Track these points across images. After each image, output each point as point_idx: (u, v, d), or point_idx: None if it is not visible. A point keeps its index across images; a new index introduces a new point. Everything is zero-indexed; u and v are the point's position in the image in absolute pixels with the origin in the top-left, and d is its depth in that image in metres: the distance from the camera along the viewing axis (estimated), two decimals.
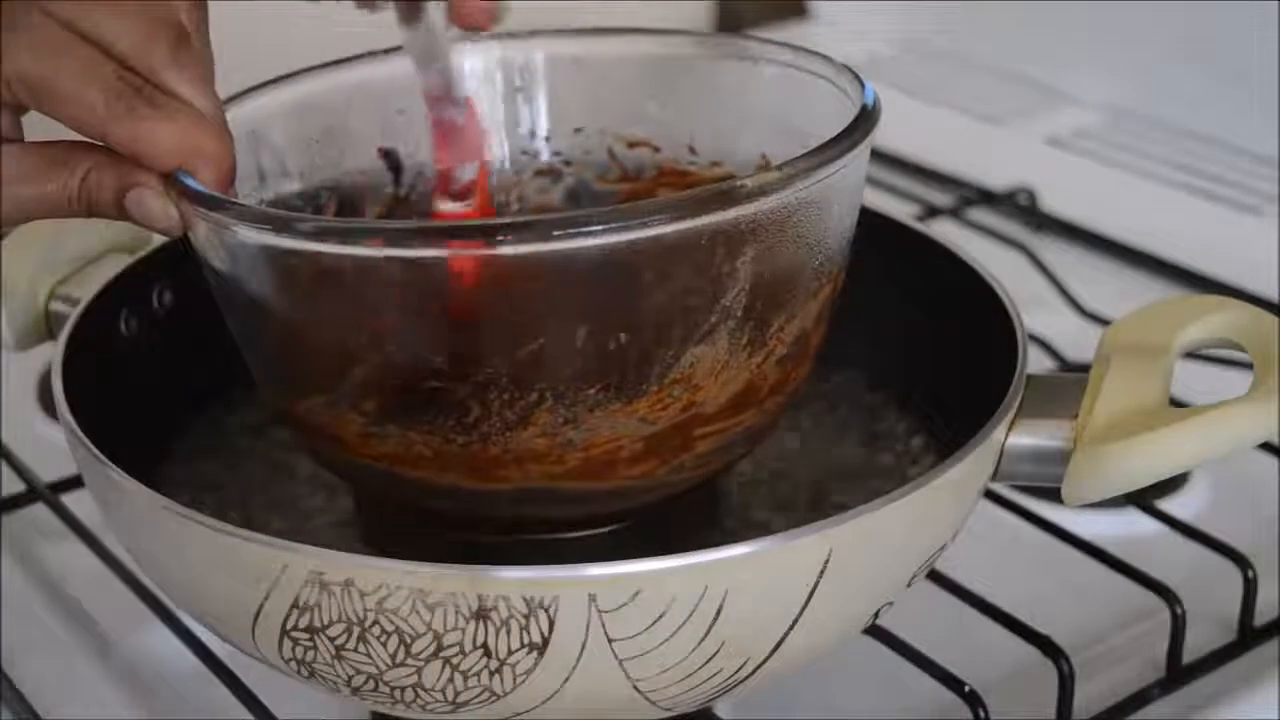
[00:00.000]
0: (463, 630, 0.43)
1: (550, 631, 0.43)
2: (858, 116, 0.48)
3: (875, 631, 0.54)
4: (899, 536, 0.46)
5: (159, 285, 0.59)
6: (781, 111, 0.54)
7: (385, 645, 0.44)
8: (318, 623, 0.44)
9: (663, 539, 0.45)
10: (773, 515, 0.55)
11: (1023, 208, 0.92)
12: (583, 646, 0.43)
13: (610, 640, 0.43)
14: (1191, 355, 0.53)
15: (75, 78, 0.44)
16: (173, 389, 0.59)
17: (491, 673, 0.44)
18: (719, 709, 0.53)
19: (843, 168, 0.46)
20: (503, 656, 0.43)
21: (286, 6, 0.60)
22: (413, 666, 0.44)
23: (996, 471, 0.50)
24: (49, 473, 0.65)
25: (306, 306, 0.46)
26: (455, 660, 0.44)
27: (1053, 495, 0.50)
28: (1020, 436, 0.49)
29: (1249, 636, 0.59)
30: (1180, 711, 0.56)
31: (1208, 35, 0.96)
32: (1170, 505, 0.65)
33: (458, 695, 0.45)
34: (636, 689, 0.45)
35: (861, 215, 0.50)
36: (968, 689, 0.53)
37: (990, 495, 0.61)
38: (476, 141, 0.55)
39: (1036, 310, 0.73)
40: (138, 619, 0.59)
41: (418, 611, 0.43)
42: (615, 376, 0.45)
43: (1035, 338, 0.72)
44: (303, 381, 0.49)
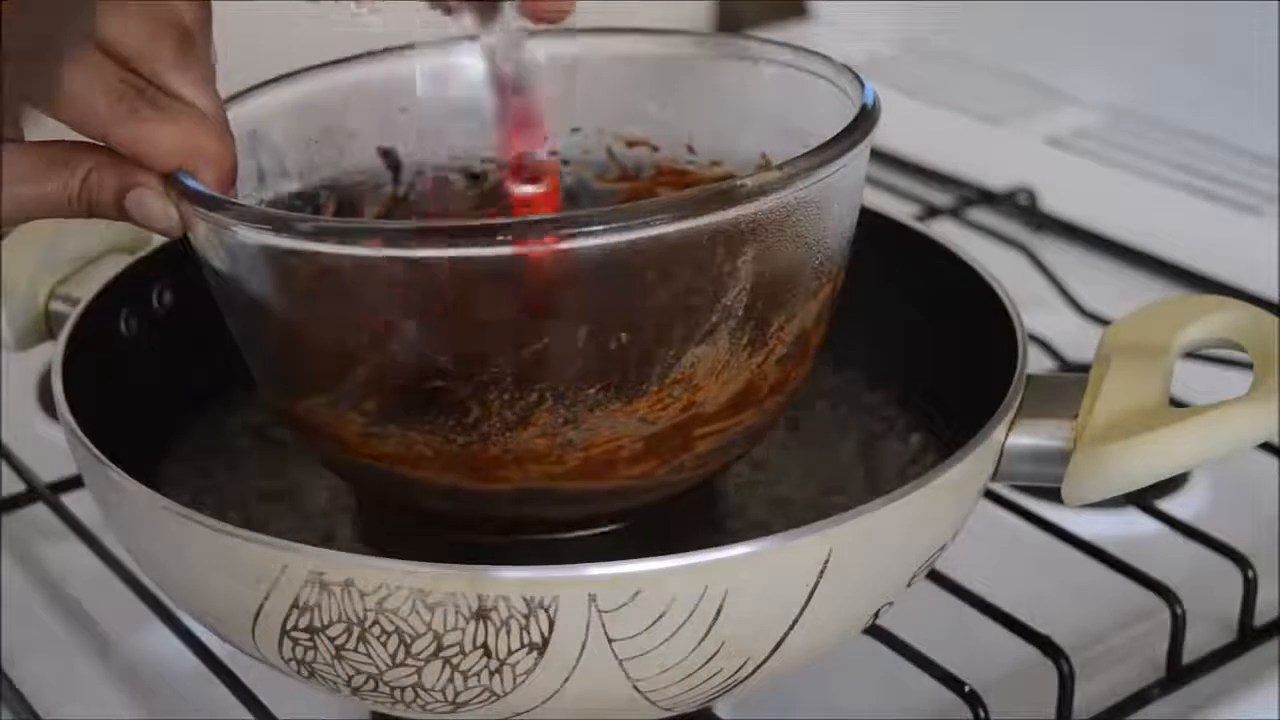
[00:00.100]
0: (463, 630, 0.43)
1: (550, 631, 0.43)
2: (857, 116, 0.48)
3: (875, 631, 0.54)
4: (899, 536, 0.46)
5: (159, 285, 0.59)
6: (781, 111, 0.54)
7: (385, 645, 0.44)
8: (318, 623, 0.44)
9: (663, 539, 0.45)
10: (773, 515, 0.55)
11: (1023, 208, 0.92)
12: (583, 646, 0.43)
13: (610, 640, 0.43)
14: (1191, 355, 0.53)
15: (78, 79, 0.44)
16: (173, 389, 0.59)
17: (491, 673, 0.44)
18: (719, 709, 0.53)
19: (843, 167, 0.46)
20: (503, 656, 0.43)
21: (287, 6, 0.60)
22: (413, 666, 0.44)
23: (996, 471, 0.50)
24: (49, 473, 0.65)
25: (306, 306, 0.46)
26: (455, 660, 0.44)
27: (1053, 495, 0.50)
28: (1020, 436, 0.49)
29: (1249, 636, 0.59)
30: (1180, 711, 0.56)
31: (1208, 35, 0.96)
32: (1170, 505, 0.65)
33: (458, 695, 0.45)
34: (636, 689, 0.45)
35: (861, 215, 0.50)
36: (968, 689, 0.53)
37: (990, 495, 0.61)
38: (544, 128, 0.56)
39: (1036, 310, 0.73)
40: (138, 619, 0.59)
41: (418, 611, 0.43)
42: (615, 376, 0.45)
43: (1035, 338, 0.72)
44: (303, 381, 0.49)
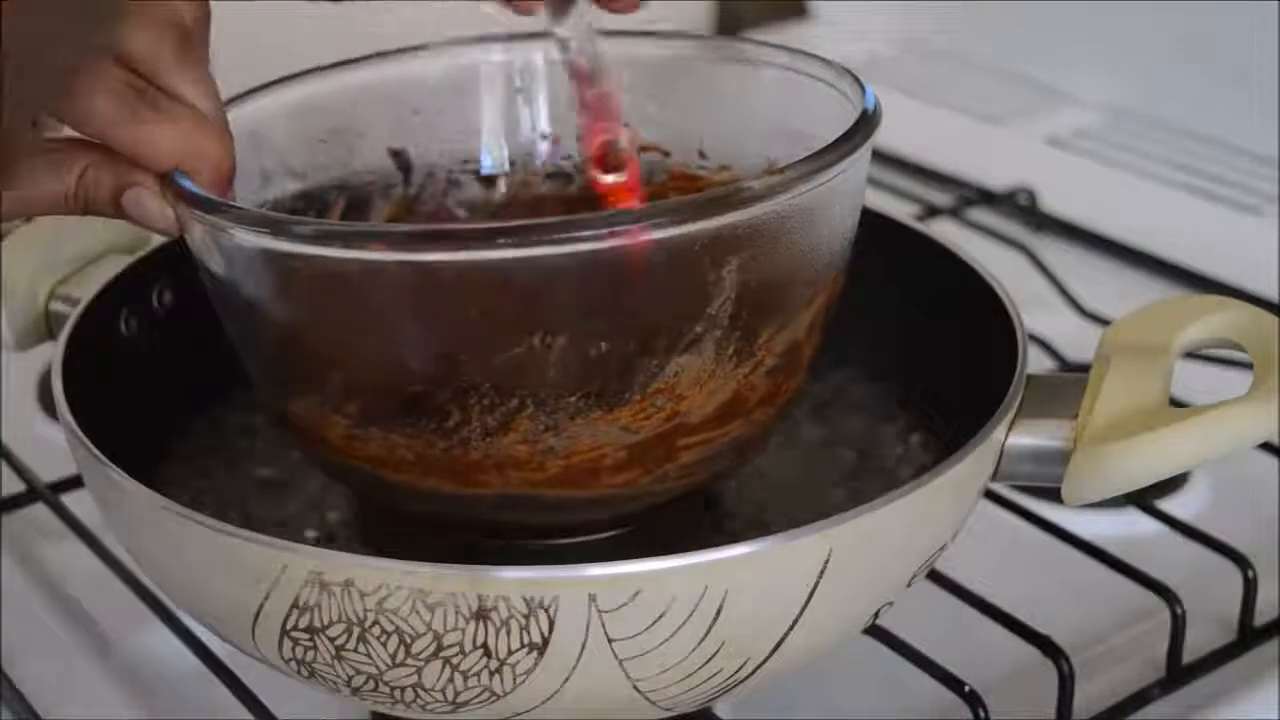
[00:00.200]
0: (463, 630, 0.43)
1: (550, 631, 0.43)
2: (856, 122, 0.47)
3: (875, 631, 0.54)
4: (899, 536, 0.46)
5: (159, 285, 0.59)
6: (783, 115, 0.54)
7: (385, 645, 0.44)
8: (318, 623, 0.44)
9: (662, 539, 0.45)
10: (773, 515, 0.55)
11: (1023, 208, 0.92)
12: (583, 646, 0.43)
13: (610, 640, 0.43)
14: (1191, 355, 0.53)
15: (79, 80, 0.44)
16: (173, 389, 0.59)
17: (491, 673, 0.44)
18: (719, 709, 0.53)
19: (841, 173, 0.46)
20: (503, 656, 0.43)
21: (287, 6, 0.60)
22: (413, 666, 0.44)
23: (996, 471, 0.50)
24: (49, 473, 0.65)
25: (289, 308, 0.46)
26: (455, 660, 0.44)
27: (1053, 495, 0.50)
28: (1020, 436, 0.49)
29: (1249, 636, 0.59)
30: (1180, 711, 0.56)
31: (1208, 35, 0.96)
32: (1170, 505, 0.65)
33: (458, 695, 0.45)
34: (636, 689, 0.45)
35: (861, 215, 0.50)
36: (968, 689, 0.53)
37: (990, 495, 0.61)
38: (621, 118, 0.56)
39: (1036, 310, 0.73)
40: (138, 619, 0.59)
41: (418, 611, 0.43)
42: (596, 384, 0.45)
43: (1035, 338, 0.72)
44: (290, 382, 0.49)
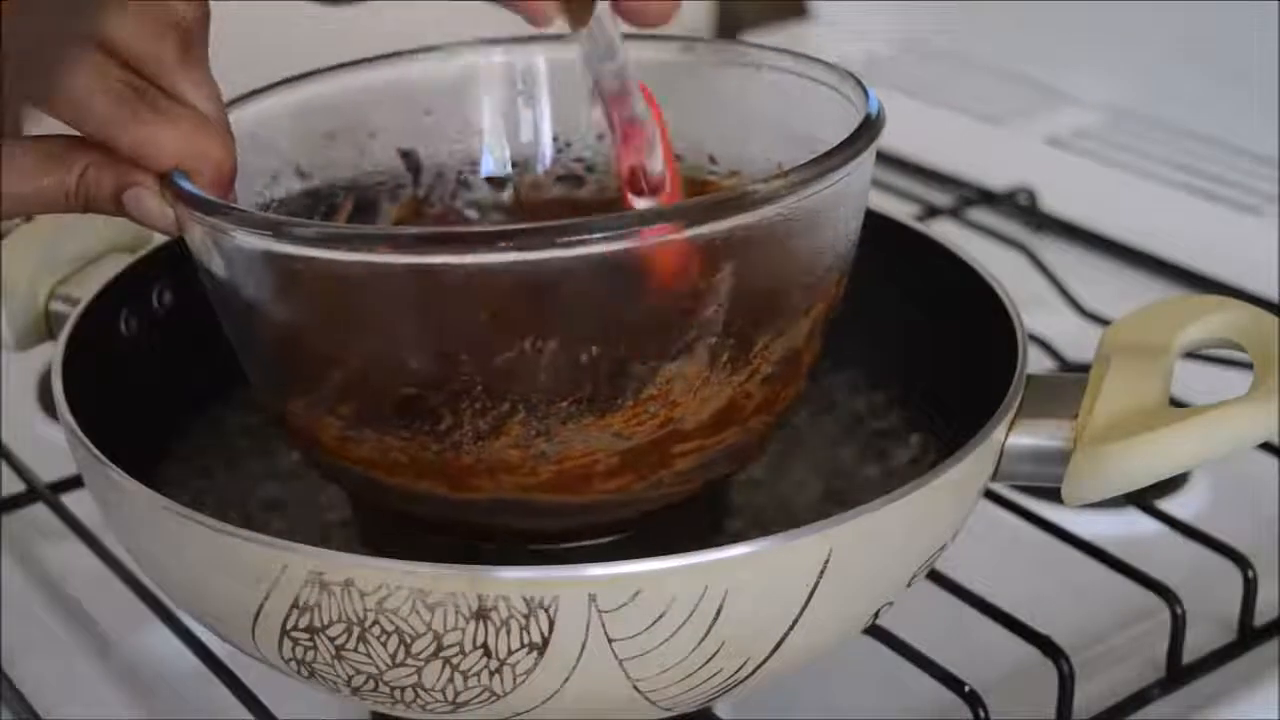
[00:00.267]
0: (463, 630, 0.43)
1: (550, 631, 0.43)
2: (859, 128, 0.47)
3: (875, 631, 0.54)
4: (899, 536, 0.46)
5: (159, 285, 0.59)
6: (787, 118, 0.54)
7: (385, 645, 0.44)
8: (318, 623, 0.44)
9: (662, 539, 0.45)
10: (773, 515, 0.55)
11: (1023, 208, 0.92)
12: (583, 646, 0.43)
13: (610, 640, 0.43)
14: (1191, 355, 0.53)
15: (79, 80, 0.44)
16: (173, 389, 0.59)
17: (491, 673, 0.44)
18: (719, 709, 0.53)
19: (845, 176, 0.46)
20: (503, 656, 0.43)
21: (287, 6, 0.60)
22: (413, 666, 0.44)
23: (996, 471, 0.50)
24: (49, 473, 0.65)
25: (282, 309, 0.46)
26: (455, 660, 0.44)
27: (1053, 495, 0.50)
28: (1020, 436, 0.49)
29: (1249, 636, 0.59)
30: (1180, 711, 0.56)
31: (1208, 35, 0.96)
32: (1170, 505, 0.65)
33: (458, 695, 0.45)
34: (636, 689, 0.45)
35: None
36: (968, 689, 0.53)
37: (990, 495, 0.61)
38: (657, 133, 0.52)
39: (1036, 310, 0.73)
40: (138, 619, 0.59)
41: (418, 611, 0.43)
42: (588, 390, 0.45)
43: (1035, 338, 0.72)
44: (287, 383, 0.49)
